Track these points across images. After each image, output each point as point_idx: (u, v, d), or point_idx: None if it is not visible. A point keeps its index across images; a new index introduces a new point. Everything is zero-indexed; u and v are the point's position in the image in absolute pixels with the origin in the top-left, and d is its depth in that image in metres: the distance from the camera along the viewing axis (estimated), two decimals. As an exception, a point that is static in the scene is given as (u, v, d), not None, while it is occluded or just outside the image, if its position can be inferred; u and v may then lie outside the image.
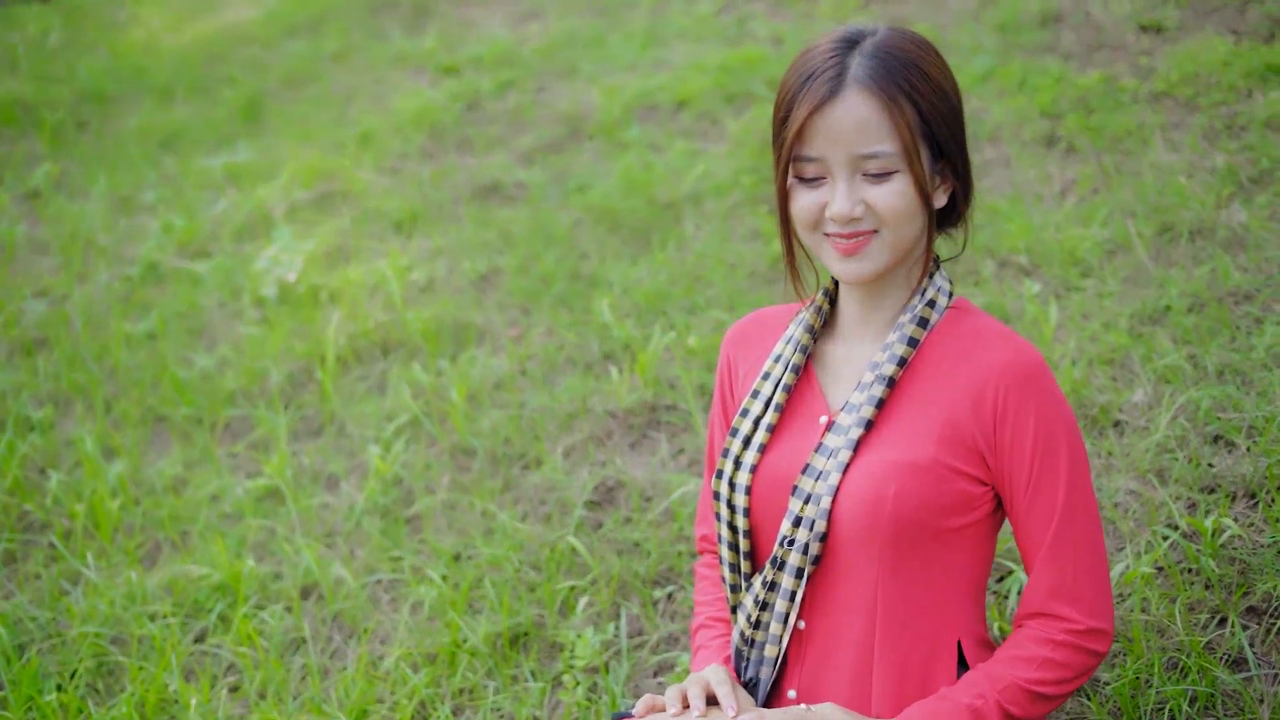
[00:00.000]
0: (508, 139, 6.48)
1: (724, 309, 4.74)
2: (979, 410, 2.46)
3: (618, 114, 6.22)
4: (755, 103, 6.06)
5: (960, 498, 2.47)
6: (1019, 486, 2.47)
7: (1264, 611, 3.17)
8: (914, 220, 2.46)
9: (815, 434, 2.57)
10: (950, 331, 2.56)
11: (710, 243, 5.11)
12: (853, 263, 2.49)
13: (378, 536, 4.16)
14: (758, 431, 2.63)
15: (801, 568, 2.51)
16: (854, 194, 2.42)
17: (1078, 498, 2.48)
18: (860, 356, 2.61)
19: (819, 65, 2.44)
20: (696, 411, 4.31)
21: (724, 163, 5.58)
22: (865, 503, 2.45)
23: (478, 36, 7.84)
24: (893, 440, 2.49)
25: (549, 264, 5.22)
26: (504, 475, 4.32)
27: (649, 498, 4.11)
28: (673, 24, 7.13)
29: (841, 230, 2.45)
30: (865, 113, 2.39)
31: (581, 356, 4.74)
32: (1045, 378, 2.49)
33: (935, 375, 2.52)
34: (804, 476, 2.52)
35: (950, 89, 2.49)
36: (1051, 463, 2.46)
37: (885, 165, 2.41)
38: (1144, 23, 5.99)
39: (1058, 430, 2.47)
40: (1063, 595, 2.47)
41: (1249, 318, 3.99)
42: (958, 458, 2.46)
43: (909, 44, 2.47)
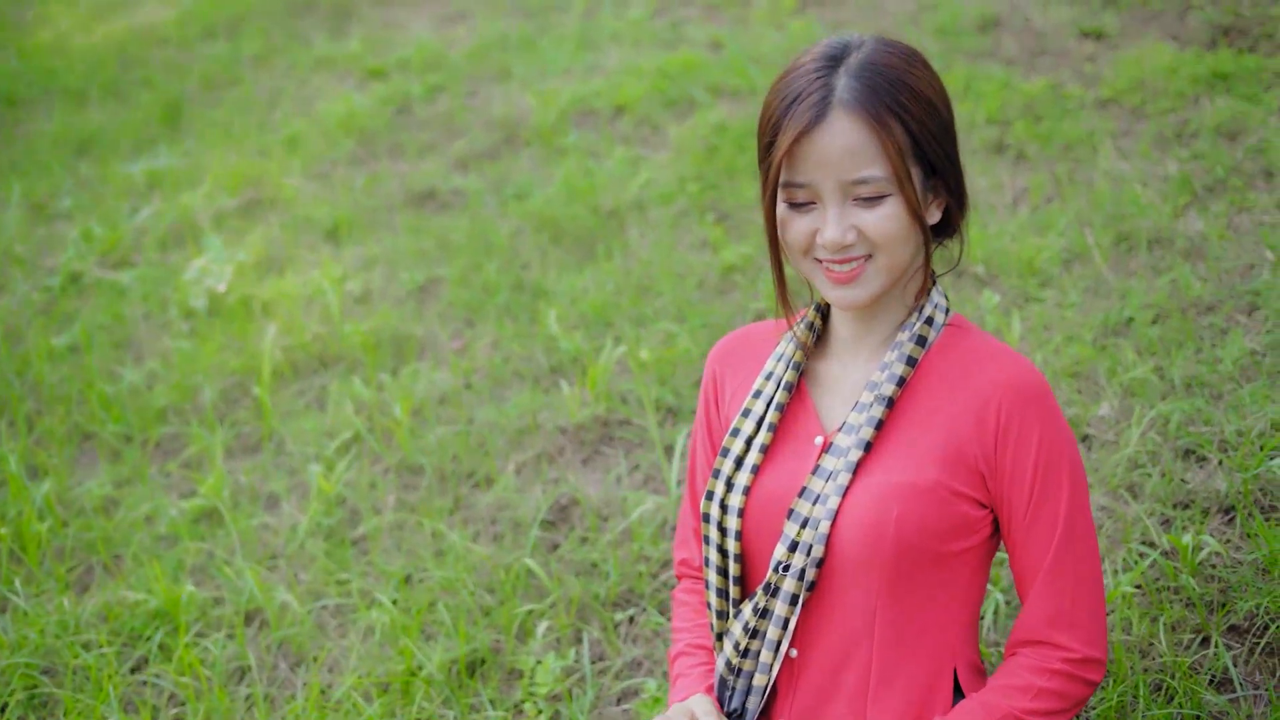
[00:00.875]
0: (440, 144, 6.33)
1: (673, 320, 4.63)
2: (981, 430, 2.39)
3: (554, 119, 6.10)
4: (696, 108, 5.96)
5: (961, 521, 2.40)
6: (1019, 508, 2.40)
7: (1246, 630, 3.11)
8: (908, 242, 2.38)
9: (810, 455, 2.49)
10: (948, 350, 2.49)
11: (656, 252, 5.00)
12: (847, 290, 2.41)
13: (323, 559, 4.01)
14: (750, 451, 2.53)
15: (796, 594, 2.42)
16: (845, 220, 2.34)
17: (1078, 521, 2.41)
18: (855, 375, 2.53)
19: (803, 87, 2.35)
20: (651, 427, 4.20)
21: (667, 170, 5.47)
22: (866, 527, 2.37)
23: (403, 39, 7.67)
24: (893, 462, 2.41)
25: (490, 274, 5.08)
26: (453, 494, 4.18)
27: (605, 517, 3.99)
28: (605, 27, 7.01)
29: (834, 256, 2.37)
30: (853, 137, 2.30)
31: (529, 370, 4.62)
32: (1047, 397, 2.42)
33: (935, 395, 2.44)
34: (800, 500, 2.43)
35: (940, 102, 2.40)
36: (1053, 485, 2.39)
37: (876, 190, 2.32)
38: (1085, 29, 5.96)
39: (1060, 451, 2.40)
40: (1060, 622, 2.40)
41: (1213, 329, 3.95)
42: (959, 480, 2.39)
43: (895, 58, 2.37)
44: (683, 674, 2.64)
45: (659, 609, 3.66)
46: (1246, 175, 4.58)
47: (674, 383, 4.34)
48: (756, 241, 4.88)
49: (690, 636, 2.71)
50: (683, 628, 2.74)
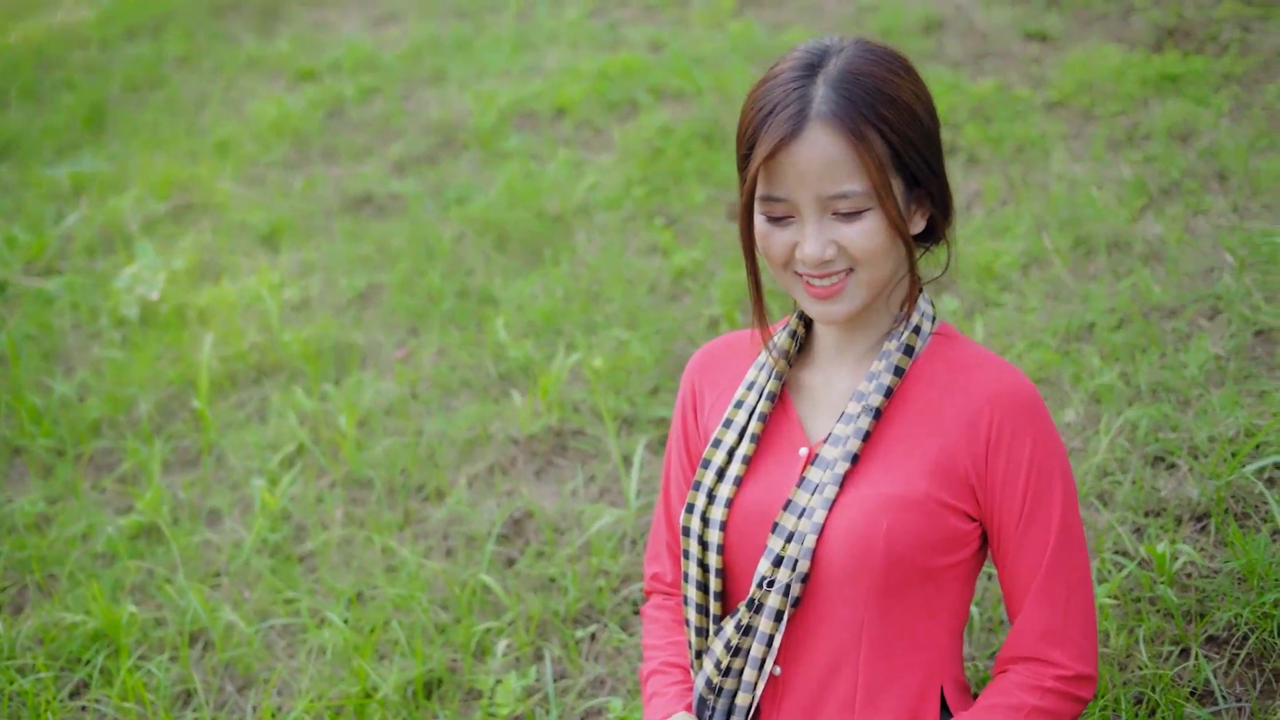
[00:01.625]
0: (376, 148, 6.19)
1: (625, 327, 4.53)
2: (971, 441, 2.33)
3: (493, 122, 5.98)
4: (639, 110, 5.86)
5: (951, 534, 2.34)
6: (1009, 521, 2.34)
7: (1225, 641, 3.06)
8: (889, 256, 2.32)
9: (795, 467, 2.42)
10: (936, 359, 2.43)
11: (605, 257, 4.90)
12: (828, 305, 2.35)
13: (269, 576, 3.87)
14: (732, 463, 2.46)
15: (781, 610, 2.35)
16: (824, 235, 2.28)
17: (1071, 534, 2.36)
18: (840, 384, 2.47)
19: (780, 98, 2.28)
20: (609, 436, 4.10)
21: (613, 173, 5.37)
22: (854, 541, 2.30)
23: (333, 40, 7.52)
24: (881, 474, 2.34)
25: (434, 280, 4.96)
26: (403, 508, 4.06)
27: (561, 530, 3.88)
28: (541, 28, 6.90)
29: (814, 271, 2.29)
30: (831, 151, 2.24)
31: (477, 379, 4.50)
32: (1039, 407, 2.37)
33: (923, 405, 2.38)
34: (785, 513, 2.37)
35: (922, 110, 2.32)
36: (1046, 497, 2.34)
37: (855, 204, 2.26)
38: (1029, 30, 5.93)
39: (1053, 463, 2.35)
40: (1053, 638, 2.35)
41: (1176, 334, 3.90)
42: (949, 492, 2.33)
43: (875, 65, 2.30)
44: (658, 693, 2.55)
45: (621, 625, 3.56)
46: (1200, 178, 4.55)
47: (628, 391, 4.24)
48: (707, 246, 4.80)
49: (664, 654, 2.62)
50: (656, 644, 2.65)
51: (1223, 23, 5.57)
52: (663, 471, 2.71)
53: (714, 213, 5.02)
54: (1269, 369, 3.71)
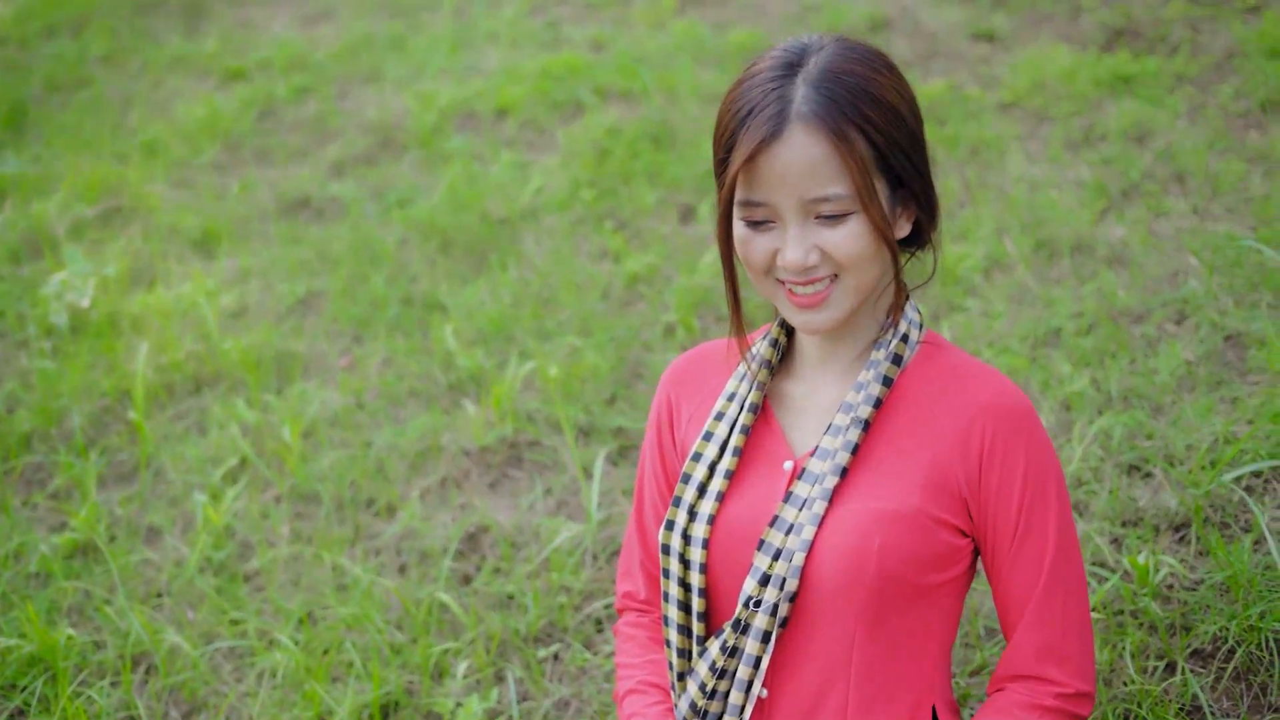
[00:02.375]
0: (311, 149, 6.03)
1: (578, 333, 4.41)
2: (964, 454, 2.24)
3: (434, 122, 5.83)
4: (584, 111, 5.74)
5: (944, 550, 2.25)
6: (1004, 536, 2.26)
7: (1211, 655, 2.99)
8: (875, 261, 2.22)
9: (780, 481, 2.32)
10: (925, 369, 2.34)
11: (554, 262, 4.77)
12: (813, 314, 2.26)
13: (214, 596, 3.71)
14: (714, 478, 2.36)
15: (768, 631, 2.26)
16: (806, 240, 2.19)
17: (1067, 548, 2.28)
18: (825, 395, 2.37)
19: (758, 99, 2.19)
20: (562, 447, 3.97)
21: (559, 175, 5.24)
22: (846, 558, 2.21)
23: (262, 38, 7.33)
24: (872, 488, 2.25)
25: (377, 286, 4.81)
26: (353, 523, 3.91)
27: (518, 545, 3.76)
28: (479, 27, 6.75)
29: (797, 278, 2.19)
30: (812, 152, 2.14)
31: (425, 388, 4.36)
32: (1032, 417, 2.29)
33: (913, 417, 2.30)
34: (772, 530, 2.27)
35: (906, 110, 2.23)
36: (1041, 510, 2.26)
37: (838, 208, 2.17)
38: (977, 30, 5.87)
39: (1047, 475, 2.27)
40: (1051, 655, 2.27)
41: (1143, 339, 3.84)
42: (941, 507, 2.24)
43: (857, 64, 2.20)
44: (637, 713, 2.45)
45: (585, 644, 3.44)
46: (1160, 180, 4.49)
47: (584, 400, 4.12)
48: (660, 250, 4.69)
49: (642, 673, 2.51)
50: (631, 663, 2.53)
51: (1172, 23, 5.54)
52: (635, 487, 2.59)
53: (665, 216, 4.91)
54: (1240, 374, 3.65)
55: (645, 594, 2.56)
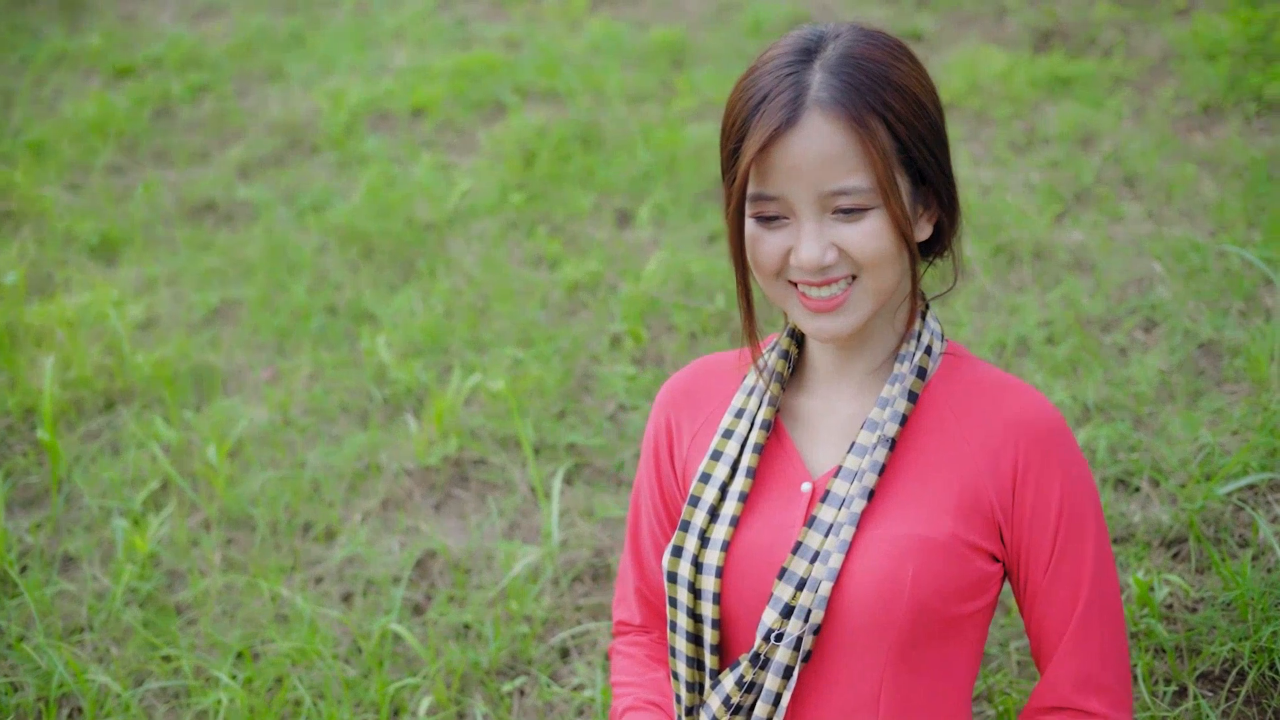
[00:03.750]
0: (213, 150, 5.73)
1: (518, 344, 4.20)
2: (996, 474, 2.09)
3: (345, 122, 5.57)
4: (505, 111, 5.53)
5: (977, 578, 2.10)
6: (1038, 561, 2.11)
7: (1220, 678, 2.88)
8: (895, 261, 2.05)
9: (798, 504, 2.15)
10: (950, 381, 2.19)
11: (486, 269, 4.55)
12: (829, 319, 2.08)
13: (141, 631, 3.44)
14: (726, 501, 2.18)
15: (790, 666, 2.08)
16: (823, 237, 2.02)
17: (1105, 573, 2.14)
18: (842, 411, 2.21)
19: (772, 85, 2.02)
20: (510, 466, 3.77)
21: (485, 178, 5.02)
22: (876, 587, 2.05)
23: (150, 34, 7.00)
24: (901, 512, 2.09)
25: (298, 295, 4.55)
26: (290, 550, 3.67)
27: (469, 570, 3.54)
28: (382, 23, 6.50)
29: (813, 279, 2.02)
30: (831, 141, 1.98)
31: (358, 403, 4.12)
32: (1067, 433, 2.15)
33: (941, 434, 2.14)
34: (795, 558, 2.09)
35: (930, 101, 2.07)
36: (1077, 533, 2.11)
37: (858, 201, 2.00)
38: (902, 31, 5.76)
39: (1084, 495, 2.12)
40: (1089, 686, 2.13)
41: (1114, 348, 3.73)
42: (974, 531, 2.09)
43: (878, 50, 2.04)
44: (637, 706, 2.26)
45: (552, 676, 3.24)
46: (1110, 184, 4.40)
47: (532, 415, 3.91)
48: (599, 257, 4.49)
49: (640, 691, 2.33)
50: (629, 681, 2.35)
51: (1100, 25, 5.47)
52: (630, 515, 2.40)
53: (602, 221, 4.72)
54: (1217, 384, 3.56)
55: (641, 620, 2.40)
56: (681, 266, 4.30)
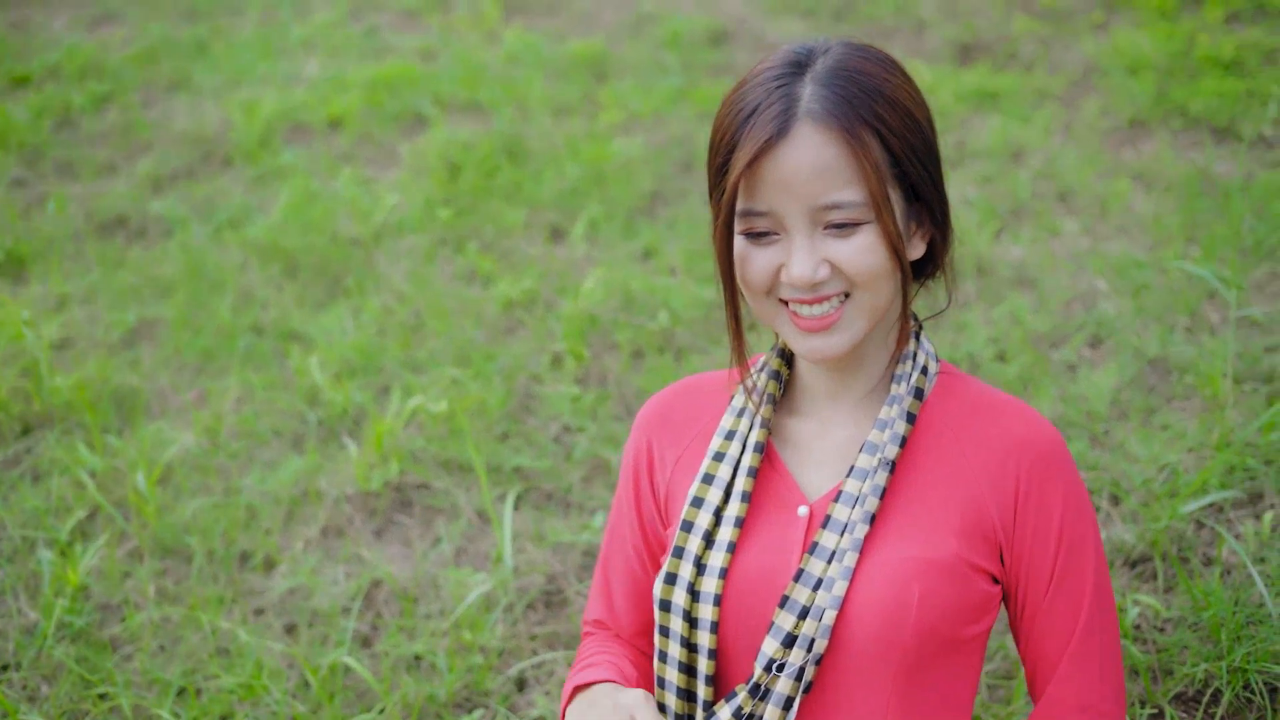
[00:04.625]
0: (120, 163, 5.55)
1: (456, 363, 4.10)
2: (999, 494, 2.05)
3: (259, 134, 5.42)
4: (426, 124, 5.41)
5: (980, 600, 2.06)
6: (1038, 583, 2.07)
7: (1194, 699, 2.86)
8: (889, 278, 2.00)
9: (795, 529, 2.09)
10: (947, 401, 2.14)
11: (416, 286, 4.44)
12: (822, 339, 2.03)
13: (74, 667, 3.29)
14: (722, 526, 2.11)
15: (791, 696, 2.02)
16: (815, 252, 1.97)
17: (1104, 594, 2.11)
18: (837, 433, 2.15)
19: (762, 98, 1.97)
20: (455, 490, 3.67)
21: (409, 193, 4.91)
22: (882, 613, 1.99)
23: (44, 41, 6.77)
24: (904, 534, 2.04)
25: (221, 313, 4.40)
26: (229, 580, 3.53)
27: (416, 599, 3.44)
28: (292, 33, 6.35)
29: (804, 296, 1.96)
30: (823, 154, 1.93)
31: (291, 427, 3.99)
32: (1066, 454, 2.11)
33: (940, 455, 2.09)
34: (797, 585, 2.03)
35: (922, 117, 2.03)
36: (1078, 554, 2.08)
37: (850, 216, 1.95)
38: (821, 44, 5.74)
39: (1084, 519, 2.09)
40: (1090, 711, 2.09)
41: (1064, 365, 3.72)
42: (977, 552, 2.04)
43: (870, 63, 2.00)
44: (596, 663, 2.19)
45: (510, 708, 3.15)
46: (1045, 199, 4.41)
47: (475, 437, 3.81)
48: (534, 274, 4.41)
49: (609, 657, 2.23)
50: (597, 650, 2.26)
51: (1019, 39, 5.49)
52: (605, 538, 2.32)
53: (534, 237, 4.63)
54: (1168, 400, 3.57)
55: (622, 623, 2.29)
56: (621, 283, 4.23)
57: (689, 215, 4.65)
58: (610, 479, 3.69)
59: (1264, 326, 3.71)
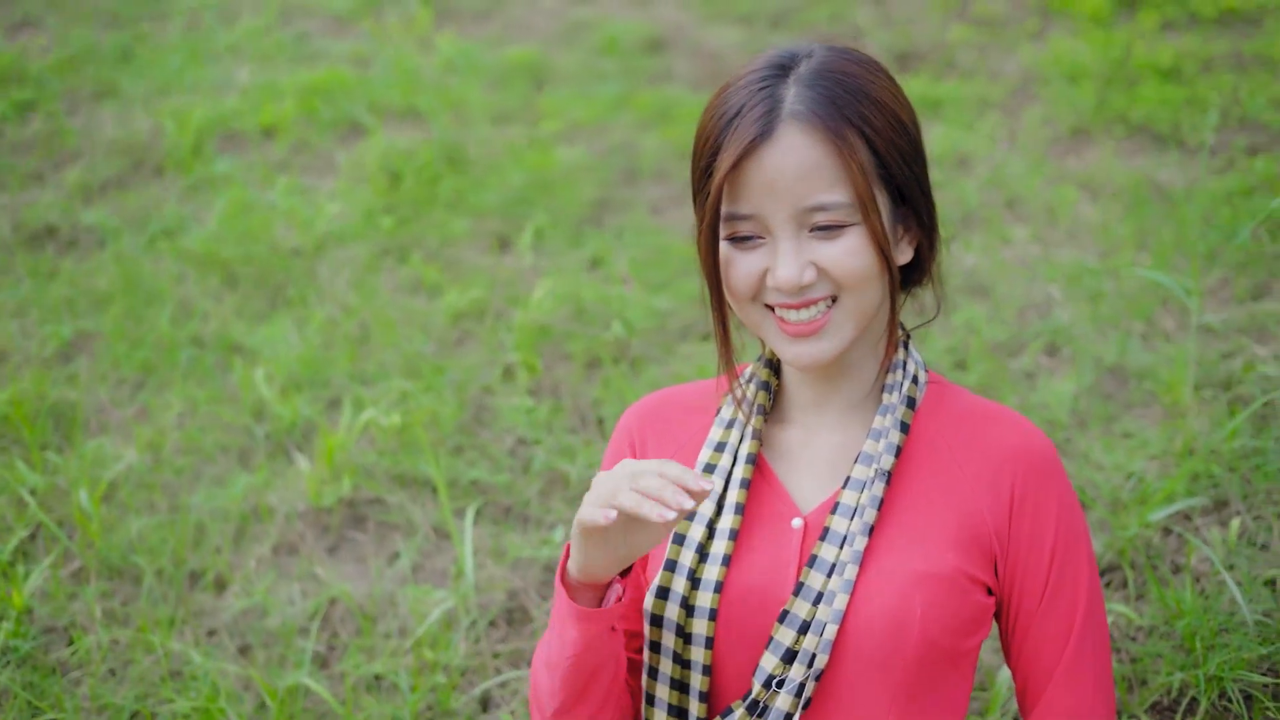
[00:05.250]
0: (47, 172, 5.41)
1: (405, 375, 4.03)
2: (995, 503, 2.02)
3: (192, 142, 5.30)
4: (363, 131, 5.33)
5: (977, 612, 2.01)
6: (1030, 594, 2.04)
7: (1170, 709, 2.86)
8: (876, 282, 1.96)
9: (790, 541, 2.04)
10: (937, 411, 2.10)
11: (361, 297, 4.36)
12: (809, 344, 1.98)
13: (22, 694, 3.19)
14: (716, 540, 2.05)
15: (790, 713, 1.97)
16: (801, 255, 1.92)
17: (1096, 606, 2.08)
18: (826, 443, 2.10)
19: (745, 100, 1.93)
20: (410, 505, 3.60)
21: (349, 202, 4.82)
22: (884, 627, 1.95)
23: (-42, 47, 6.61)
24: (903, 546, 2.00)
25: (160, 326, 4.29)
26: (179, 600, 3.44)
27: (373, 617, 3.36)
28: (217, 39, 6.23)
29: (791, 300, 1.93)
30: (808, 155, 1.89)
31: (238, 442, 3.90)
32: (1059, 464, 2.08)
33: (934, 464, 2.05)
34: (797, 600, 1.98)
35: (908, 119, 1.99)
36: (1072, 565, 2.05)
37: (836, 217, 1.90)
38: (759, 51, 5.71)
39: (1078, 530, 2.06)
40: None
41: (1022, 373, 3.72)
42: (973, 564, 2.00)
43: (854, 65, 1.96)
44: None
45: (477, 729, 3.09)
46: (994, 207, 4.41)
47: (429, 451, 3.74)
48: (482, 284, 4.34)
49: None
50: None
51: (956, 47, 5.50)
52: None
53: (479, 246, 4.57)
54: (1128, 407, 3.57)
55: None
56: (571, 293, 4.17)
57: (636, 224, 4.61)
58: (570, 492, 3.63)
59: (1219, 334, 3.72)
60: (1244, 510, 3.20)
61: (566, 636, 1.99)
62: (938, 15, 5.76)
